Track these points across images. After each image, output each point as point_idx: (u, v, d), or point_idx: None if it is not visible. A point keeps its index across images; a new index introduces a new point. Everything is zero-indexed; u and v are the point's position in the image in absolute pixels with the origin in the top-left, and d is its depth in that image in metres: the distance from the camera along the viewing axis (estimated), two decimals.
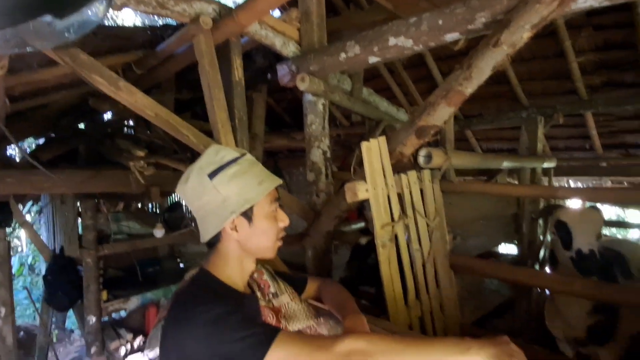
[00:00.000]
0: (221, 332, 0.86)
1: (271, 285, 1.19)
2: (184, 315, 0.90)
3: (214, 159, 1.02)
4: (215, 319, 0.87)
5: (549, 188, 1.86)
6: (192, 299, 0.94)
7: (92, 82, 1.50)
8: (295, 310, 1.20)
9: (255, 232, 1.03)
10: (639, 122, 3.41)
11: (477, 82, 1.48)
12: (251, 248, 1.06)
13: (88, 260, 4.45)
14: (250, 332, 0.87)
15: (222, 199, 0.99)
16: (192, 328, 0.87)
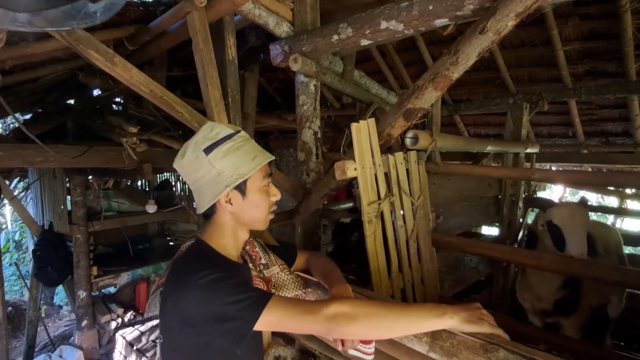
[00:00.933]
0: (217, 295, 0.92)
1: (262, 257, 1.28)
2: (181, 280, 0.95)
3: (209, 135, 1.07)
4: (212, 282, 0.93)
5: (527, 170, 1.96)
6: (188, 265, 1.00)
7: (88, 58, 1.52)
8: (285, 280, 1.29)
9: (248, 205, 1.09)
10: (619, 110, 3.54)
11: (464, 67, 1.54)
12: (244, 220, 1.11)
13: (78, 236, 4.49)
14: (245, 295, 0.93)
15: (216, 173, 1.04)
16: (190, 291, 0.92)
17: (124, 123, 2.67)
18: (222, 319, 0.91)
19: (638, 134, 3.53)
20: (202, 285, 0.92)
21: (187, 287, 0.93)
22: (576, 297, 1.98)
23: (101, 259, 5.09)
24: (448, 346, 1.09)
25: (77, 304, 4.62)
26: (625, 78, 3.03)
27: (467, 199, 2.57)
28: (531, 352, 0.98)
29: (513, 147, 2.91)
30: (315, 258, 1.42)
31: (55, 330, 5.73)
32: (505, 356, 0.99)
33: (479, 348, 1.04)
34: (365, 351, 1.14)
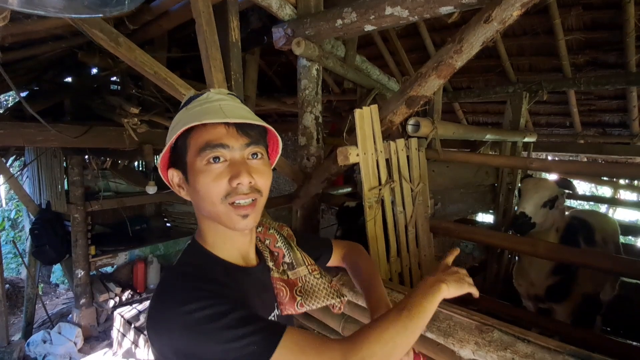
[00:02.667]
0: (203, 342, 0.68)
1: (286, 254, 1.00)
2: (162, 312, 0.71)
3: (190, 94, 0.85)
4: (197, 323, 0.68)
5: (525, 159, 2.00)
6: (176, 289, 0.74)
7: (92, 37, 1.52)
8: (314, 285, 1.00)
9: (193, 191, 0.80)
10: (617, 101, 3.56)
11: (467, 56, 1.55)
12: (203, 213, 0.82)
13: (76, 215, 4.51)
14: (242, 340, 0.68)
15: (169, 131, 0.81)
16: (169, 330, 0.69)
17: (125, 103, 2.66)
18: None
19: (635, 125, 3.57)
20: (185, 327, 0.68)
21: (164, 324, 0.70)
22: (568, 284, 2.06)
23: (99, 238, 5.14)
24: (445, 327, 1.14)
25: (75, 283, 4.68)
26: (625, 69, 3.05)
27: (465, 187, 2.61)
28: (524, 332, 1.03)
29: (511, 135, 2.94)
30: (354, 256, 1.17)
31: (53, 308, 5.79)
32: (499, 336, 1.04)
33: (475, 329, 1.09)
34: None
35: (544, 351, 0.97)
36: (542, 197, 1.99)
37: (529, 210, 1.95)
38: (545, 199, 2.00)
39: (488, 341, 1.04)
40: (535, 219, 1.95)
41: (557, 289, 2.08)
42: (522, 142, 3.17)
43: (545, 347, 0.98)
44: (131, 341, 4.18)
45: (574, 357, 0.94)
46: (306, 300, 0.97)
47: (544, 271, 2.10)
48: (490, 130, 2.81)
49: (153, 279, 5.29)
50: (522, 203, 2.01)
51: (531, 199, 1.98)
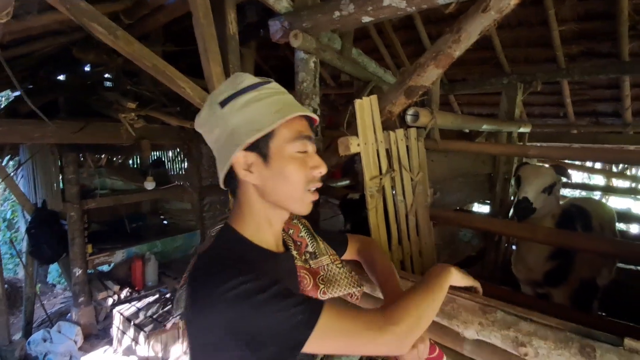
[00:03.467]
0: (252, 314, 0.71)
1: (309, 244, 1.04)
2: (206, 290, 0.73)
3: (229, 86, 0.85)
4: (243, 296, 0.71)
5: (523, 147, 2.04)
6: (215, 269, 0.77)
7: (91, 31, 1.52)
8: (336, 274, 1.05)
9: (273, 174, 0.83)
10: (610, 91, 3.61)
11: (465, 45, 1.57)
12: (272, 197, 0.86)
13: (72, 213, 4.50)
14: (288, 312, 0.72)
15: (230, 129, 0.82)
16: (215, 307, 0.72)
17: (122, 98, 2.65)
18: (261, 342, 0.72)
19: (627, 114, 3.62)
20: (232, 301, 0.70)
21: (212, 302, 0.72)
22: (566, 269, 2.11)
23: (95, 236, 5.13)
24: (448, 309, 1.16)
25: (73, 281, 4.67)
26: (619, 58, 3.08)
27: (463, 176, 2.64)
28: (526, 312, 1.06)
29: (507, 126, 2.97)
30: (369, 250, 1.21)
31: (51, 307, 5.78)
32: (502, 316, 1.07)
33: (478, 310, 1.11)
34: None
35: (546, 329, 1.00)
36: (543, 183, 2.03)
37: (531, 196, 1.99)
38: (546, 184, 2.04)
39: (491, 321, 1.07)
40: (536, 204, 1.99)
41: (555, 274, 2.13)
42: (517, 133, 3.20)
43: (547, 325, 1.01)
44: (131, 338, 4.20)
45: (575, 333, 0.97)
46: (328, 288, 1.02)
47: (541, 257, 2.14)
48: (486, 120, 2.84)
49: (151, 276, 5.29)
50: (524, 188, 2.04)
51: (532, 185, 2.01)
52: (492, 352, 1.19)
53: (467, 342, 1.24)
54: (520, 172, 2.13)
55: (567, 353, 0.94)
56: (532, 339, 0.99)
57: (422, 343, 0.97)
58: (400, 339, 0.80)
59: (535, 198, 1.99)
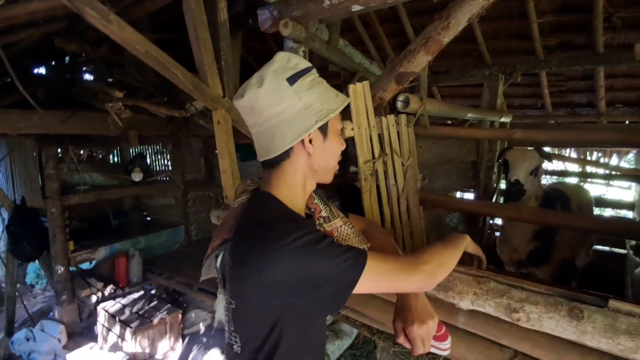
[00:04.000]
0: (312, 260, 0.82)
1: (323, 209, 1.14)
2: (265, 242, 0.82)
3: (287, 64, 0.92)
4: (304, 246, 0.81)
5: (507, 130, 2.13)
6: (270, 225, 0.86)
7: (84, 15, 1.49)
8: (349, 234, 1.15)
9: (326, 149, 0.96)
10: (585, 82, 3.77)
11: (454, 32, 1.62)
12: (318, 167, 0.98)
13: (53, 210, 4.39)
14: (342, 258, 0.83)
15: (303, 106, 0.90)
16: (280, 256, 0.80)
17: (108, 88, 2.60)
18: (318, 285, 0.83)
19: (601, 104, 3.78)
20: (294, 251, 0.80)
21: (276, 252, 0.80)
22: (548, 249, 2.21)
23: (77, 234, 5.01)
24: (444, 282, 1.22)
25: (55, 279, 4.56)
26: (593, 50, 3.22)
27: (449, 163, 2.72)
28: (517, 280, 1.12)
29: (490, 115, 3.07)
30: (374, 231, 1.27)
31: (32, 307, 5.62)
32: (495, 286, 1.13)
33: (472, 281, 1.17)
34: (441, 347, 1.07)
35: (536, 295, 1.06)
36: (530, 165, 2.11)
37: (522, 178, 2.06)
38: (533, 166, 2.12)
39: (485, 290, 1.13)
40: (526, 186, 2.07)
41: (538, 254, 2.23)
42: (498, 123, 3.31)
43: (537, 291, 1.07)
44: (117, 335, 4.14)
45: (563, 297, 1.03)
46: None
47: (525, 237, 2.24)
48: (471, 109, 2.93)
49: (135, 273, 5.21)
50: (514, 171, 2.10)
51: (521, 167, 2.08)
52: (484, 322, 1.26)
53: (460, 314, 1.31)
54: (507, 156, 2.19)
55: (557, 316, 1.00)
56: (524, 304, 1.05)
57: (432, 320, 0.99)
58: (429, 276, 0.95)
59: (525, 180, 2.06)
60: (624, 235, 2.16)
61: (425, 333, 0.97)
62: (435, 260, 0.98)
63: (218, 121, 2.00)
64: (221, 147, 2.01)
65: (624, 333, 0.93)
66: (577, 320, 0.98)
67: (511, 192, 2.04)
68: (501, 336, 1.23)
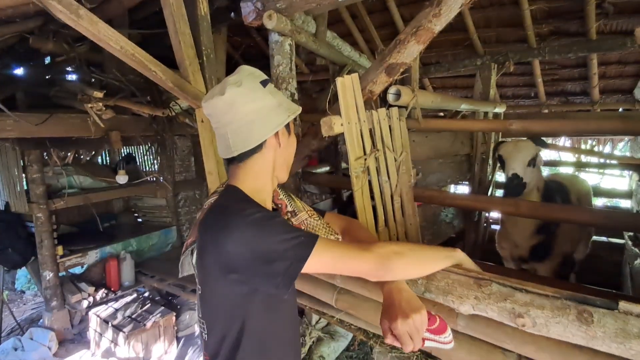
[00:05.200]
0: (266, 233, 0.88)
1: (288, 204, 1.21)
2: (224, 221, 0.89)
3: (255, 73, 1.05)
4: (259, 220, 0.89)
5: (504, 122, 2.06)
6: (230, 207, 0.95)
7: (51, 10, 1.39)
8: (315, 225, 1.20)
9: (289, 145, 1.09)
10: (579, 70, 3.71)
11: (446, 19, 1.54)
12: (282, 163, 1.09)
13: (39, 215, 4.26)
14: (293, 234, 0.90)
15: (277, 103, 1.03)
16: (235, 230, 0.87)
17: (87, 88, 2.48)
18: (271, 259, 0.87)
19: (594, 92, 3.73)
20: (249, 224, 0.88)
21: (231, 228, 0.88)
22: (550, 243, 2.14)
23: (66, 238, 4.87)
24: (443, 285, 1.14)
25: (44, 286, 4.44)
26: (586, 37, 3.16)
27: (443, 157, 2.65)
28: (521, 282, 1.05)
29: (484, 106, 3.00)
30: (355, 230, 1.27)
31: (21, 315, 5.50)
32: (498, 289, 1.06)
33: (473, 284, 1.10)
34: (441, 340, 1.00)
35: (542, 298, 0.99)
36: (526, 156, 2.03)
37: (519, 171, 1.98)
38: (529, 157, 2.04)
39: (487, 294, 1.06)
40: (525, 178, 1.99)
41: (541, 248, 2.16)
42: (492, 113, 3.24)
43: (542, 294, 1.00)
44: (110, 340, 4.05)
45: (570, 300, 0.97)
46: None
47: (527, 231, 2.17)
48: (464, 100, 2.85)
49: (127, 276, 5.10)
50: (510, 165, 2.03)
51: (518, 160, 2.01)
52: (486, 325, 1.19)
53: (460, 317, 1.24)
54: (501, 152, 2.12)
55: (565, 320, 0.94)
56: (529, 309, 0.99)
57: (417, 313, 0.94)
58: (382, 259, 0.95)
59: (524, 172, 1.99)
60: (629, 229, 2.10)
61: (412, 327, 0.92)
62: (394, 249, 0.99)
63: (202, 119, 1.90)
64: (205, 147, 1.91)
65: (636, 337, 0.87)
66: (586, 325, 0.91)
67: (511, 187, 1.97)
68: (504, 340, 1.17)
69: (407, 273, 1.04)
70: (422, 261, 1.05)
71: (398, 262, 0.97)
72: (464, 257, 1.14)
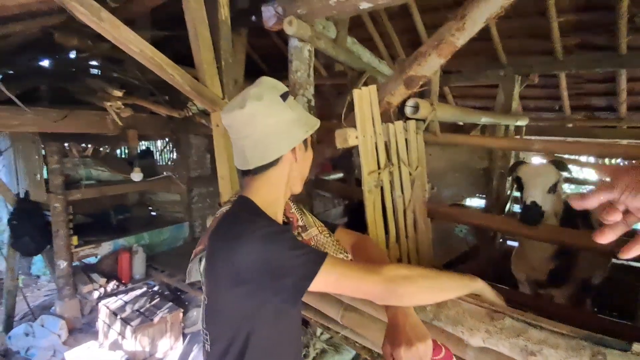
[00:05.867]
0: (276, 248, 0.88)
1: (299, 219, 1.21)
2: (235, 234, 0.89)
3: (276, 86, 1.04)
4: (270, 234, 0.89)
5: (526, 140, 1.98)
6: (241, 219, 0.95)
7: (72, 12, 1.40)
8: (325, 243, 1.20)
9: (305, 159, 1.09)
10: (605, 85, 3.57)
11: (470, 33, 1.50)
12: (297, 176, 1.09)
13: (56, 205, 4.35)
14: (302, 251, 0.90)
15: (296, 118, 1.03)
16: (246, 244, 0.87)
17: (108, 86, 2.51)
18: (279, 274, 0.87)
19: (622, 108, 3.60)
20: (260, 238, 0.87)
21: (242, 240, 0.88)
22: (568, 269, 2.06)
23: (81, 228, 4.96)
24: (453, 314, 1.10)
25: (57, 274, 4.53)
26: (616, 51, 3.04)
27: (460, 170, 2.59)
28: (536, 318, 1.00)
29: (505, 119, 2.92)
30: (364, 247, 1.25)
31: (34, 300, 5.62)
32: (511, 323, 1.01)
33: (485, 316, 1.05)
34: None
35: (556, 336, 0.95)
36: (546, 182, 1.92)
37: (539, 199, 1.87)
38: (551, 183, 1.93)
39: (499, 328, 1.01)
40: (544, 207, 1.88)
41: (559, 273, 2.06)
42: (514, 126, 3.16)
43: (558, 332, 0.95)
44: (117, 332, 4.11)
45: (587, 341, 0.92)
46: None
47: (546, 255, 2.08)
48: (485, 113, 2.78)
49: (139, 269, 5.16)
50: (529, 192, 1.91)
51: (538, 187, 1.90)
52: (496, 357, 1.14)
53: (470, 347, 1.19)
54: (519, 174, 2.01)
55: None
56: (543, 347, 0.94)
57: (423, 342, 0.91)
58: (389, 282, 0.92)
59: (543, 200, 1.86)
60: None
61: (415, 356, 0.90)
62: (404, 273, 0.96)
63: (217, 124, 1.90)
64: (219, 152, 1.91)
65: None
66: None
67: (528, 216, 1.84)
68: None
69: (416, 300, 1.00)
70: (433, 289, 1.00)
71: (407, 287, 0.94)
72: (483, 287, 1.08)
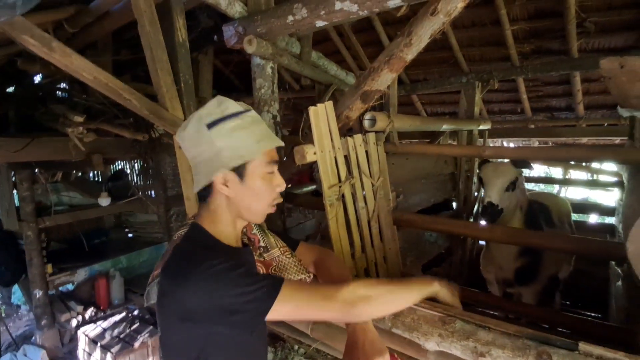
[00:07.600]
0: (224, 287, 0.85)
1: (260, 240, 1.19)
2: (182, 271, 0.88)
3: (215, 109, 0.98)
4: (218, 273, 0.86)
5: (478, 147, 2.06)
6: (189, 254, 0.92)
7: (23, 44, 1.40)
8: (286, 263, 1.19)
9: (246, 191, 0.99)
10: (562, 87, 3.74)
11: (417, 48, 1.56)
12: (240, 208, 1.02)
13: (29, 233, 4.24)
14: (255, 286, 0.87)
15: (216, 150, 0.96)
16: (193, 283, 0.85)
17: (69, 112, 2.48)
18: (231, 311, 0.86)
19: (579, 108, 3.77)
20: (207, 277, 0.85)
21: (189, 279, 0.85)
22: (535, 267, 2.13)
23: (55, 255, 4.83)
24: (409, 321, 1.14)
25: (34, 304, 4.40)
26: (568, 55, 3.19)
27: (426, 177, 2.66)
28: (484, 320, 1.05)
29: (467, 124, 3.02)
30: (325, 262, 1.27)
31: (16, 330, 5.43)
32: (462, 326, 1.05)
33: (438, 321, 1.10)
34: None
35: (504, 337, 0.99)
36: (504, 181, 2.02)
37: (495, 198, 1.96)
38: (507, 182, 2.03)
39: (451, 332, 1.05)
40: (502, 205, 1.98)
41: (526, 272, 2.14)
42: (477, 130, 3.26)
43: (505, 332, 1.00)
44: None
45: (531, 340, 0.96)
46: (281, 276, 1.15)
47: (512, 254, 2.16)
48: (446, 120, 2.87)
49: (117, 294, 5.05)
50: (487, 192, 2.01)
51: (495, 186, 1.99)
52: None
53: (430, 352, 1.23)
54: (482, 174, 2.11)
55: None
56: (491, 348, 0.98)
57: (379, 356, 0.96)
58: (347, 305, 0.93)
59: (500, 199, 1.96)
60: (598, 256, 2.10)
61: None
62: (361, 294, 0.95)
63: (179, 146, 1.90)
64: (183, 173, 1.92)
65: None
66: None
67: (485, 215, 1.95)
68: None
69: (374, 315, 1.04)
70: (391, 302, 1.03)
71: (364, 308, 0.95)
72: (439, 289, 1.11)
